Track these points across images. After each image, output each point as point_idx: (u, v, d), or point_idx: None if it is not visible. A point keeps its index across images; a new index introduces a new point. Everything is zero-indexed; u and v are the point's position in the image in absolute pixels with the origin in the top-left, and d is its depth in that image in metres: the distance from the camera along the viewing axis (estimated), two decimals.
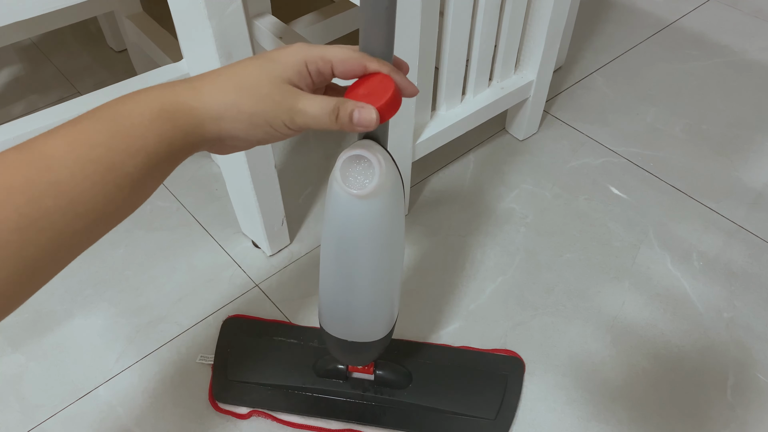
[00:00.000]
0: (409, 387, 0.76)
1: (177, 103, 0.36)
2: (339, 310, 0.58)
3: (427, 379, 0.77)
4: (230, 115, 0.36)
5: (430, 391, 0.76)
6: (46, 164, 0.32)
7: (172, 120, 0.35)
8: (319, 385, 0.76)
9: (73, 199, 0.32)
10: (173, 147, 0.35)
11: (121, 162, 0.33)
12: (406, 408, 0.75)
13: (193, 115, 0.36)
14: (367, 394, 0.75)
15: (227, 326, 0.83)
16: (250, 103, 0.36)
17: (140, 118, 0.34)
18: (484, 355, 0.80)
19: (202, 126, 0.36)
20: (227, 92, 0.36)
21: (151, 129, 0.34)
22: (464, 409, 0.74)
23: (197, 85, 0.37)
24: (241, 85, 0.37)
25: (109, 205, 0.34)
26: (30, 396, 0.77)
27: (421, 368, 0.78)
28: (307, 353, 0.79)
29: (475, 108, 0.95)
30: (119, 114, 0.34)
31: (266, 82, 0.37)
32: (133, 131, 0.34)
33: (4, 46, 1.28)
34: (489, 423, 0.74)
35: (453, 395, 0.75)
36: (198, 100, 0.36)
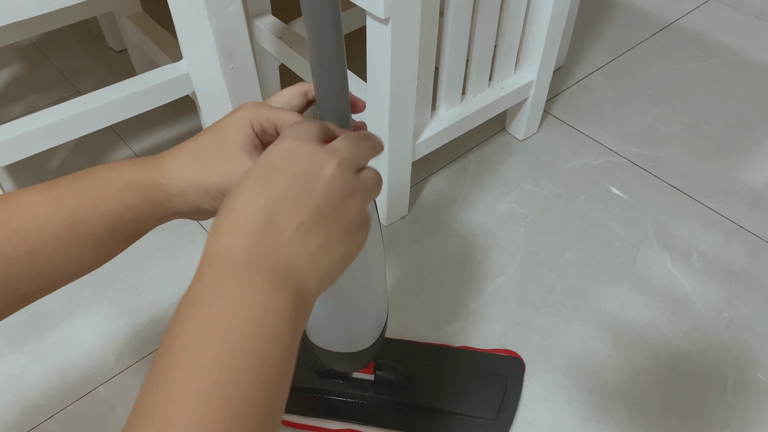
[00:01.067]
0: (409, 387, 0.76)
1: (145, 178, 0.39)
2: (325, 325, 0.58)
3: (427, 379, 0.77)
4: (191, 191, 0.39)
5: (430, 391, 0.76)
6: (17, 213, 0.34)
7: (139, 192, 0.38)
8: (319, 385, 0.75)
9: (34, 249, 0.35)
10: (140, 216, 0.38)
11: (86, 221, 0.36)
12: (406, 408, 0.75)
13: (159, 190, 0.39)
14: (367, 394, 0.75)
15: None
16: (204, 176, 0.39)
17: (111, 186, 0.37)
18: (484, 355, 0.80)
19: (170, 200, 0.39)
20: (186, 168, 0.39)
21: (119, 197, 0.37)
22: (464, 409, 0.74)
23: (163, 162, 0.40)
24: (196, 159, 0.39)
25: (69, 258, 0.36)
26: (30, 396, 0.77)
27: (421, 368, 0.78)
28: (307, 353, 0.79)
29: (475, 108, 0.95)
30: (93, 180, 0.37)
31: (217, 155, 0.39)
32: (103, 196, 0.37)
33: (4, 46, 1.28)
34: (489, 423, 0.74)
35: (453, 395, 0.75)
36: (163, 176, 0.39)
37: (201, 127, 1.10)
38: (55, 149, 1.09)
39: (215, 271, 0.30)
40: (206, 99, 0.78)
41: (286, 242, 0.31)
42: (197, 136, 0.41)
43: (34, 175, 1.04)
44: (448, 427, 0.73)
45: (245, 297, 0.29)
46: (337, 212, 0.33)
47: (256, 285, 0.30)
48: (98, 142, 1.10)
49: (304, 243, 0.32)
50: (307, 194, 0.32)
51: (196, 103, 0.82)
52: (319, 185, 0.32)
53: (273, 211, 0.31)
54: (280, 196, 0.32)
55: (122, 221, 0.38)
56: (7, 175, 1.04)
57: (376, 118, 0.83)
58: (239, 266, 0.30)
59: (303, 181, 0.32)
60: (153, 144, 1.10)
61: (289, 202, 0.31)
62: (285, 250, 0.31)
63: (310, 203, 0.32)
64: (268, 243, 0.31)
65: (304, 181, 0.32)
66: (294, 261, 0.31)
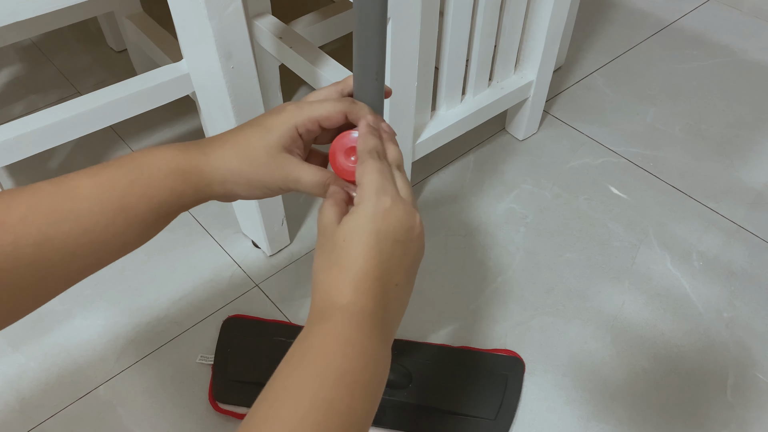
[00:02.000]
0: (409, 387, 0.76)
1: (190, 165, 0.41)
2: None
3: (427, 379, 0.77)
4: (233, 180, 0.42)
5: (430, 391, 0.76)
6: (72, 195, 0.38)
7: (183, 177, 0.41)
8: None
9: (88, 229, 0.38)
10: (183, 199, 0.42)
11: (134, 205, 0.39)
12: (405, 408, 0.75)
13: (202, 176, 0.42)
14: None
15: (227, 326, 0.83)
16: (250, 171, 0.42)
17: (158, 172, 0.40)
18: (484, 355, 0.80)
19: (210, 186, 0.42)
20: (231, 160, 0.42)
21: (165, 182, 0.40)
22: (464, 409, 0.74)
23: (208, 151, 0.42)
24: (243, 154, 0.42)
25: (117, 239, 0.39)
26: (30, 396, 0.77)
27: (421, 368, 0.78)
28: None
29: (475, 108, 0.95)
30: (141, 165, 0.40)
31: (264, 152, 0.42)
32: (150, 181, 0.40)
33: (4, 46, 1.28)
34: (489, 423, 0.74)
35: (453, 395, 0.75)
36: (208, 164, 0.42)
37: (201, 127, 1.10)
38: (55, 149, 1.09)
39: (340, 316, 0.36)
40: (206, 99, 0.78)
41: (390, 300, 0.38)
42: (241, 129, 0.44)
43: (34, 175, 1.04)
44: (448, 426, 0.73)
45: (367, 346, 0.35)
46: (417, 264, 0.41)
47: (374, 337, 0.36)
48: (98, 142, 1.10)
49: (400, 301, 0.39)
50: (404, 256, 0.39)
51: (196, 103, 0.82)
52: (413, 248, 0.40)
53: (383, 273, 0.38)
54: (387, 260, 0.38)
55: (167, 204, 0.40)
56: (7, 175, 1.04)
57: None
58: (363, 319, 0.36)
59: (403, 246, 0.39)
60: (153, 144, 1.10)
61: (395, 264, 0.38)
62: (389, 307, 0.38)
63: (406, 263, 0.39)
64: (380, 301, 0.37)
65: (403, 246, 0.39)
66: (392, 317, 0.38)
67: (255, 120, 0.44)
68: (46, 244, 0.36)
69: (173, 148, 0.42)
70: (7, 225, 0.35)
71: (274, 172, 0.42)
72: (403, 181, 0.42)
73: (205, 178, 0.42)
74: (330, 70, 0.90)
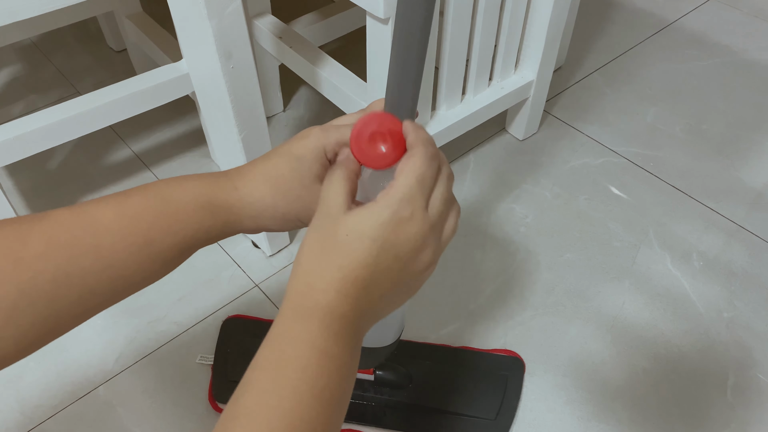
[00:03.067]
0: (409, 387, 0.76)
1: (219, 200, 0.39)
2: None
3: (427, 380, 0.77)
4: (267, 215, 0.40)
5: (430, 392, 0.76)
6: (93, 228, 0.35)
7: (213, 213, 0.39)
8: None
9: (110, 264, 0.35)
10: (210, 234, 0.39)
11: (160, 240, 0.37)
12: (406, 408, 0.75)
13: (233, 212, 0.39)
14: (367, 394, 0.75)
15: (227, 326, 0.83)
16: (284, 204, 0.40)
17: (185, 206, 0.38)
18: (484, 355, 0.80)
19: (241, 222, 0.40)
20: (264, 194, 0.40)
21: (193, 217, 0.38)
22: (464, 410, 0.74)
23: (239, 185, 0.40)
24: (276, 187, 0.40)
25: (139, 273, 0.37)
26: (30, 396, 0.77)
27: (421, 368, 0.78)
28: None
29: (475, 108, 0.95)
30: (167, 197, 0.38)
31: (297, 184, 0.40)
32: (177, 216, 0.37)
33: (4, 46, 1.28)
34: (489, 423, 0.74)
35: (453, 395, 0.75)
36: (240, 200, 0.39)
37: (201, 127, 1.10)
38: (55, 149, 1.09)
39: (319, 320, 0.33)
40: (206, 99, 0.78)
41: (369, 311, 0.36)
42: (269, 158, 0.41)
43: (34, 175, 1.04)
44: (448, 427, 0.73)
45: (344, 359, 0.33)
46: (413, 284, 0.37)
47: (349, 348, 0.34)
48: (98, 142, 1.10)
49: (379, 311, 0.37)
50: (401, 273, 0.36)
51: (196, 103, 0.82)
52: (412, 268, 0.36)
53: (372, 283, 0.35)
54: (380, 272, 0.35)
55: (193, 239, 0.39)
56: (7, 175, 1.04)
57: None
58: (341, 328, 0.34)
59: (401, 264, 0.35)
60: (153, 144, 1.10)
61: (386, 278, 0.35)
62: (366, 317, 0.36)
63: (399, 279, 0.36)
64: (359, 310, 0.35)
65: (401, 264, 0.35)
66: (366, 326, 0.36)
67: (282, 148, 0.41)
68: (65, 280, 0.34)
69: (202, 180, 0.39)
70: (24, 261, 0.33)
71: (309, 205, 0.40)
72: (442, 198, 0.37)
73: (236, 214, 0.40)
74: (330, 70, 0.90)
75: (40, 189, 1.02)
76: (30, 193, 1.01)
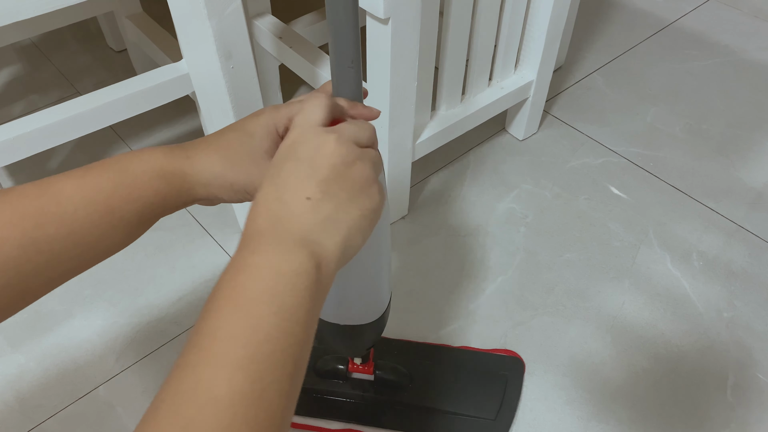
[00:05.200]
0: (410, 387, 0.76)
1: (173, 167, 0.42)
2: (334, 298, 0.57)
3: (427, 380, 0.77)
4: (217, 183, 0.43)
5: (431, 392, 0.76)
6: (57, 198, 0.38)
7: (168, 181, 0.41)
8: (318, 386, 0.75)
9: (73, 231, 0.38)
10: (167, 202, 0.42)
11: (120, 208, 0.40)
12: (406, 408, 0.75)
13: (186, 180, 0.42)
14: (367, 394, 0.75)
15: None
16: (233, 175, 0.43)
17: (142, 175, 0.41)
18: (484, 355, 0.80)
19: (194, 189, 0.43)
20: (215, 164, 0.43)
21: (149, 185, 0.41)
22: (464, 409, 0.74)
23: (191, 154, 0.43)
24: (226, 158, 0.43)
25: (103, 241, 0.40)
26: (30, 396, 0.77)
27: (421, 368, 0.78)
28: None
29: (475, 108, 0.95)
30: (125, 168, 0.41)
31: (246, 157, 0.43)
32: (135, 184, 0.40)
33: (4, 46, 1.28)
34: (489, 423, 0.74)
35: (453, 395, 0.76)
36: (192, 167, 0.42)
37: (201, 127, 1.10)
38: (55, 149, 1.09)
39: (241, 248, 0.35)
40: (206, 99, 0.78)
41: (297, 215, 0.36)
42: (223, 133, 0.44)
43: (34, 175, 1.04)
44: (448, 427, 0.73)
45: (262, 262, 0.34)
46: (343, 180, 0.37)
47: (269, 252, 0.34)
48: (98, 142, 1.10)
49: (315, 213, 0.36)
50: (312, 172, 0.37)
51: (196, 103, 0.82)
52: (323, 162, 0.37)
53: (282, 192, 0.36)
54: (287, 179, 0.37)
55: (151, 207, 0.41)
56: (7, 175, 1.04)
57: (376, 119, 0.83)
58: (258, 242, 0.35)
59: (307, 163, 0.37)
60: (153, 144, 1.10)
61: (296, 181, 0.36)
62: (295, 221, 0.35)
63: (316, 178, 0.36)
64: (281, 219, 0.36)
65: (308, 162, 0.37)
66: (307, 228, 0.35)
67: (236, 124, 0.45)
68: (31, 246, 0.37)
69: (158, 151, 0.42)
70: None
71: (256, 178, 0.42)
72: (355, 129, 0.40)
73: (188, 181, 0.42)
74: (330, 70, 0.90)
75: None
76: None
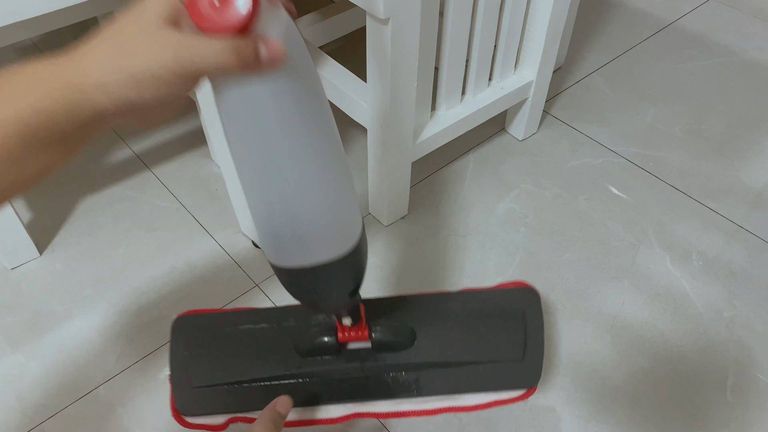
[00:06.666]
0: (415, 345, 0.64)
1: (52, 75, 0.33)
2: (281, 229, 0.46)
3: (434, 332, 0.65)
4: (113, 80, 0.33)
5: (441, 345, 0.65)
6: None
7: (46, 92, 0.33)
8: (306, 368, 0.63)
9: None
10: (54, 119, 0.33)
11: None
12: (417, 370, 0.63)
13: (72, 87, 0.33)
14: (367, 364, 0.63)
15: (180, 326, 0.67)
16: (128, 61, 0.33)
17: (11, 90, 0.32)
18: (493, 293, 0.70)
19: (87, 97, 0.33)
20: (103, 56, 0.34)
21: (23, 100, 0.32)
22: (485, 356, 0.64)
23: (73, 54, 0.34)
24: (115, 44, 0.34)
25: None
26: (30, 396, 0.77)
27: (425, 321, 0.66)
28: (283, 335, 0.65)
29: (475, 108, 0.95)
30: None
31: (140, 33, 0.34)
32: (5, 102, 0.32)
33: (4, 46, 1.28)
34: (518, 365, 0.64)
35: (468, 344, 0.65)
36: (77, 70, 0.34)
37: (201, 127, 1.10)
38: None
39: None
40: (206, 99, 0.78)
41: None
42: (111, 21, 0.36)
43: None
44: (470, 380, 0.63)
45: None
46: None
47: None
48: (99, 142, 1.10)
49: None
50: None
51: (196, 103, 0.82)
52: None
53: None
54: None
55: (37, 129, 0.32)
56: None
57: (376, 119, 0.83)
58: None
59: None
60: (153, 144, 1.10)
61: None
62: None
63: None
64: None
65: None
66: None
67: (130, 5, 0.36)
68: None
69: (37, 62, 0.34)
70: None
71: (157, 52, 0.33)
72: None
73: (76, 89, 0.33)
74: (330, 70, 0.90)
75: (41, 189, 1.02)
76: (31, 193, 1.01)
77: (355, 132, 1.12)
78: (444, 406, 0.65)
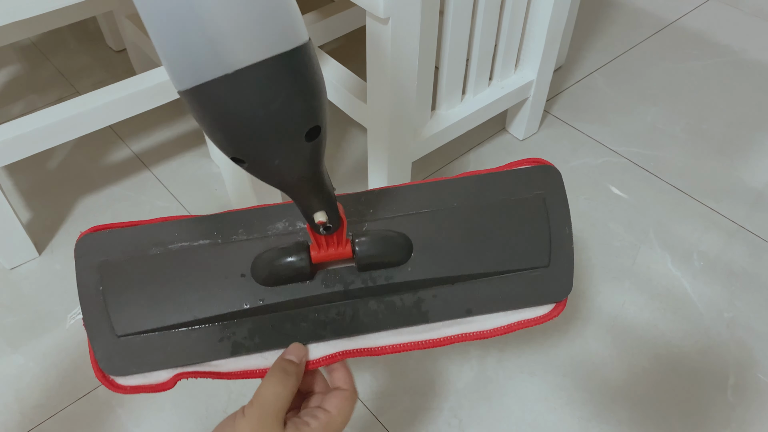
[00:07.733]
0: (412, 258, 0.47)
1: None
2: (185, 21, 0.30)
3: (432, 239, 0.48)
4: None
5: (443, 256, 0.48)
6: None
7: None
8: (271, 299, 0.45)
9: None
10: None
11: None
12: (416, 289, 0.47)
13: None
14: (352, 288, 0.46)
15: (86, 249, 0.46)
16: None
17: None
18: (503, 176, 0.51)
19: None
20: None
21: None
22: (500, 265, 0.48)
23: None
24: None
25: None
26: (29, 396, 0.77)
27: (420, 224, 0.48)
28: (233, 255, 0.46)
29: (475, 108, 0.95)
30: None
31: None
32: None
33: (4, 46, 1.28)
34: (543, 273, 0.49)
35: (478, 250, 0.48)
36: None
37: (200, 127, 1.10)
38: (54, 149, 1.09)
39: None
40: None
41: None
42: None
43: (34, 175, 1.04)
44: (488, 296, 0.48)
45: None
46: None
47: None
48: (98, 142, 1.10)
49: None
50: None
51: None
52: None
53: None
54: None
55: None
56: (7, 175, 1.04)
57: (376, 118, 0.83)
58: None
59: None
60: (153, 144, 1.10)
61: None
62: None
63: None
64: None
65: None
66: None
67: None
68: None
69: None
70: None
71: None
72: None
73: None
74: (330, 70, 0.90)
75: (40, 189, 1.02)
76: (30, 193, 1.01)
77: (355, 132, 1.12)
78: (455, 333, 0.48)
